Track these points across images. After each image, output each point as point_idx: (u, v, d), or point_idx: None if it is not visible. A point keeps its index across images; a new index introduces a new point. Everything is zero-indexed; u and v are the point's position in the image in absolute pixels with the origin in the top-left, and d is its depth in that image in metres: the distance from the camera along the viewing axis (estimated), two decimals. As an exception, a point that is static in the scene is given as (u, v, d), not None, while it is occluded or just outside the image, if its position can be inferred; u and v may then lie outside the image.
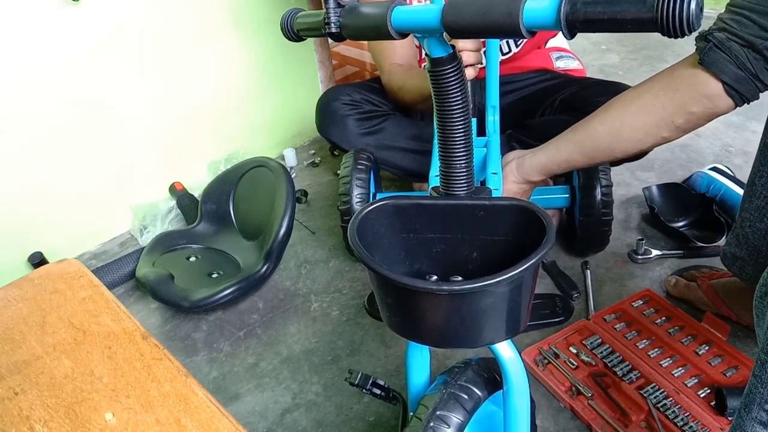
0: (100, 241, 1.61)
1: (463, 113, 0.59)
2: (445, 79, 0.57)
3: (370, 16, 0.55)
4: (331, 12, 0.58)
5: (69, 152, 1.46)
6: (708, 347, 1.07)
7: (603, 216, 1.22)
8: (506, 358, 0.63)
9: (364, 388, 0.80)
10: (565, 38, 0.47)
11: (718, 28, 0.83)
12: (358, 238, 0.60)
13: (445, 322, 0.58)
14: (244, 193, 1.49)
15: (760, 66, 0.80)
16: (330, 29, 0.58)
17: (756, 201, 0.92)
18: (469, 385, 0.68)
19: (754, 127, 1.79)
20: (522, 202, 0.61)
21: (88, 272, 0.79)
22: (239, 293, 1.27)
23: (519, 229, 0.61)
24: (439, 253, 0.66)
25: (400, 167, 1.41)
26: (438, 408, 0.65)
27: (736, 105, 0.85)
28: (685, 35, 0.42)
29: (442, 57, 0.56)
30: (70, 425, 0.57)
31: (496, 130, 1.21)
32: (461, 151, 0.61)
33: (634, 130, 0.94)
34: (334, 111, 1.38)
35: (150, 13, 1.49)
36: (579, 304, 1.23)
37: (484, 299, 0.55)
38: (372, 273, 0.58)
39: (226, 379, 1.16)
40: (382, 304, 0.62)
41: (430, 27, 0.53)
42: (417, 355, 0.73)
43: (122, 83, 1.50)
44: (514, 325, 0.59)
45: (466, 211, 0.63)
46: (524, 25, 0.47)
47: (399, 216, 0.64)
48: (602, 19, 0.44)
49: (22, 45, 1.31)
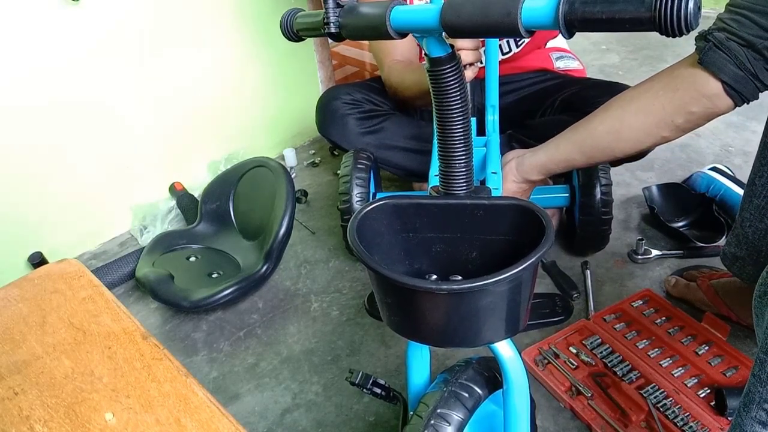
0: (100, 241, 1.61)
1: (462, 113, 0.59)
2: (445, 78, 0.57)
3: (369, 16, 0.55)
4: (331, 12, 0.58)
5: (69, 152, 1.46)
6: (708, 347, 1.07)
7: (603, 215, 1.22)
8: (506, 357, 0.63)
9: (364, 387, 0.80)
10: (564, 38, 0.47)
11: (717, 28, 0.83)
12: (358, 237, 0.60)
13: (444, 322, 0.58)
14: (244, 193, 1.49)
15: (760, 66, 0.80)
16: (329, 29, 0.58)
17: (756, 201, 0.92)
18: (469, 384, 0.68)
19: (754, 127, 1.79)
20: (521, 202, 0.61)
21: (88, 272, 0.79)
22: (239, 293, 1.27)
23: (518, 229, 0.61)
24: (438, 253, 0.66)
25: (401, 167, 1.41)
26: (439, 406, 0.65)
27: (735, 105, 0.85)
28: (683, 34, 0.42)
29: (441, 57, 0.56)
30: (70, 425, 0.57)
31: (495, 130, 1.21)
32: (461, 150, 0.61)
33: (634, 130, 0.94)
34: (334, 110, 1.38)
35: (150, 14, 1.49)
36: (579, 304, 1.23)
37: (484, 298, 0.55)
38: (372, 272, 0.58)
39: (226, 379, 1.16)
40: (382, 303, 0.62)
41: (429, 27, 0.53)
42: (417, 355, 0.73)
43: (122, 83, 1.50)
44: (514, 324, 0.60)
45: (466, 211, 0.63)
46: (523, 24, 0.47)
47: (399, 215, 0.64)
48: (600, 19, 0.44)
49: (22, 45, 1.31)
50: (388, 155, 1.39)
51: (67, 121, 1.43)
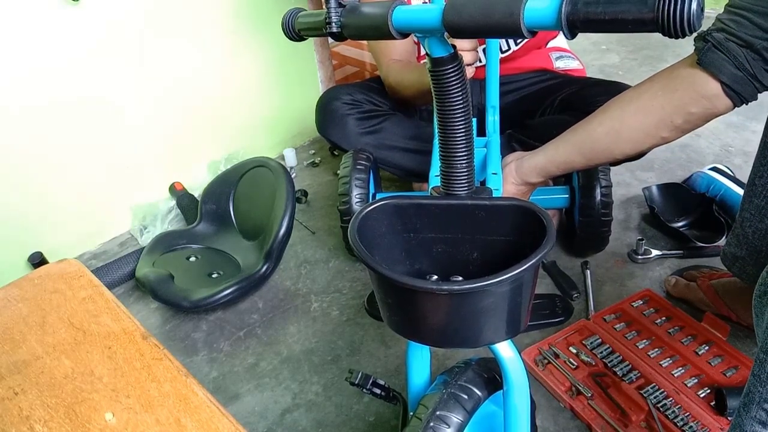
0: (100, 241, 1.61)
1: (464, 113, 0.59)
2: (447, 79, 0.57)
3: (371, 15, 0.56)
4: (332, 12, 0.58)
5: (69, 152, 1.46)
6: (708, 347, 1.07)
7: (602, 216, 1.22)
8: (506, 358, 0.63)
9: (364, 387, 0.79)
10: (566, 38, 0.47)
11: (716, 29, 0.83)
12: (359, 237, 0.60)
13: (445, 322, 0.58)
14: (244, 193, 1.49)
15: (759, 66, 0.80)
16: (331, 29, 0.58)
17: (756, 201, 0.92)
18: (469, 385, 0.68)
19: (754, 127, 1.79)
20: (522, 202, 0.61)
21: (88, 272, 0.79)
22: (239, 293, 1.27)
23: (519, 229, 0.61)
24: (439, 253, 0.66)
25: (401, 167, 1.41)
26: (438, 408, 0.65)
27: (734, 105, 0.85)
28: (686, 35, 0.42)
29: (443, 57, 0.56)
30: (70, 425, 0.57)
31: (496, 130, 1.21)
32: (462, 150, 0.61)
33: (634, 131, 0.94)
34: (334, 111, 1.38)
35: (149, 14, 1.49)
36: (579, 304, 1.23)
37: (485, 299, 0.55)
38: (372, 272, 0.58)
39: (226, 379, 1.16)
40: (383, 303, 0.62)
41: (431, 27, 0.53)
42: (417, 355, 0.73)
43: (122, 83, 1.50)
44: (515, 325, 0.59)
45: (467, 211, 0.63)
46: (525, 25, 0.47)
47: (399, 216, 0.64)
48: (603, 20, 0.44)
49: (22, 45, 1.31)
50: (388, 155, 1.39)
51: (67, 121, 1.43)
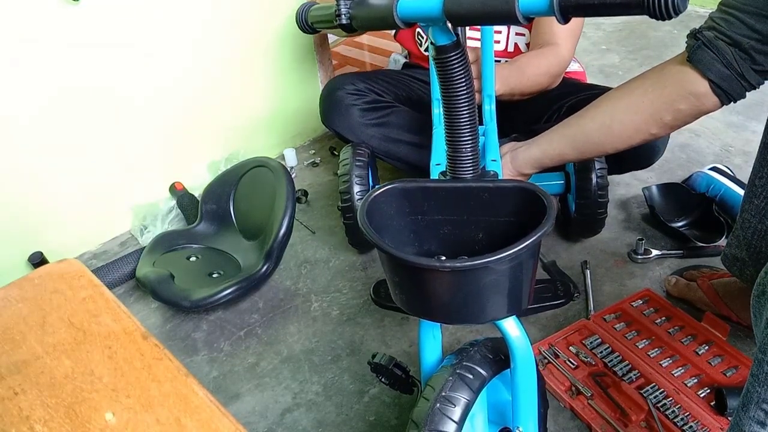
0: (100, 241, 1.61)
1: (468, 98, 0.63)
2: (451, 66, 0.60)
3: (377, 7, 0.60)
4: (342, 4, 0.62)
5: (69, 152, 1.46)
6: (708, 347, 1.07)
7: (599, 197, 1.23)
8: (513, 336, 0.66)
9: (387, 368, 0.81)
10: (559, 23, 0.49)
11: (707, 27, 0.84)
12: (368, 220, 0.63)
13: (449, 299, 0.61)
14: (244, 193, 1.49)
15: (746, 66, 0.80)
16: (341, 20, 0.63)
17: (756, 201, 0.92)
18: (474, 366, 0.69)
19: (754, 127, 1.79)
20: (525, 184, 0.65)
21: (88, 272, 0.79)
22: (239, 293, 1.27)
23: (522, 210, 0.65)
24: (446, 235, 0.69)
25: (405, 161, 1.41)
26: (444, 388, 0.67)
27: (722, 103, 0.85)
28: (672, 17, 0.44)
29: (446, 44, 0.60)
30: (70, 425, 0.57)
31: (492, 119, 1.22)
32: (467, 135, 0.64)
33: (624, 126, 0.95)
34: (338, 100, 1.37)
35: (149, 14, 1.49)
36: (579, 303, 1.23)
37: (486, 276, 0.58)
38: (381, 253, 0.62)
39: (226, 379, 1.16)
40: (392, 283, 0.65)
41: (433, 16, 0.56)
42: (429, 335, 0.75)
43: (121, 83, 1.50)
44: (517, 302, 0.63)
45: (472, 194, 0.66)
46: (520, 11, 0.50)
47: (407, 199, 0.68)
48: (593, 4, 0.47)
49: (21, 45, 1.31)
50: (393, 149, 1.39)
51: (67, 121, 1.43)
